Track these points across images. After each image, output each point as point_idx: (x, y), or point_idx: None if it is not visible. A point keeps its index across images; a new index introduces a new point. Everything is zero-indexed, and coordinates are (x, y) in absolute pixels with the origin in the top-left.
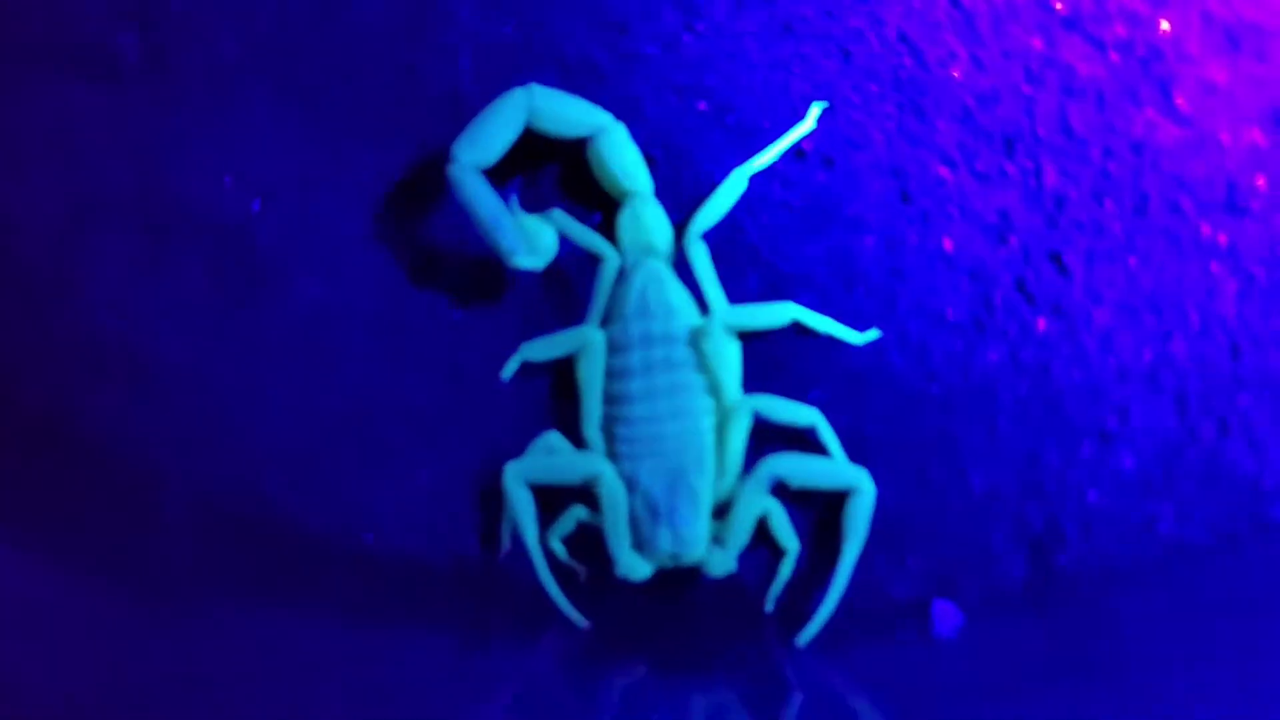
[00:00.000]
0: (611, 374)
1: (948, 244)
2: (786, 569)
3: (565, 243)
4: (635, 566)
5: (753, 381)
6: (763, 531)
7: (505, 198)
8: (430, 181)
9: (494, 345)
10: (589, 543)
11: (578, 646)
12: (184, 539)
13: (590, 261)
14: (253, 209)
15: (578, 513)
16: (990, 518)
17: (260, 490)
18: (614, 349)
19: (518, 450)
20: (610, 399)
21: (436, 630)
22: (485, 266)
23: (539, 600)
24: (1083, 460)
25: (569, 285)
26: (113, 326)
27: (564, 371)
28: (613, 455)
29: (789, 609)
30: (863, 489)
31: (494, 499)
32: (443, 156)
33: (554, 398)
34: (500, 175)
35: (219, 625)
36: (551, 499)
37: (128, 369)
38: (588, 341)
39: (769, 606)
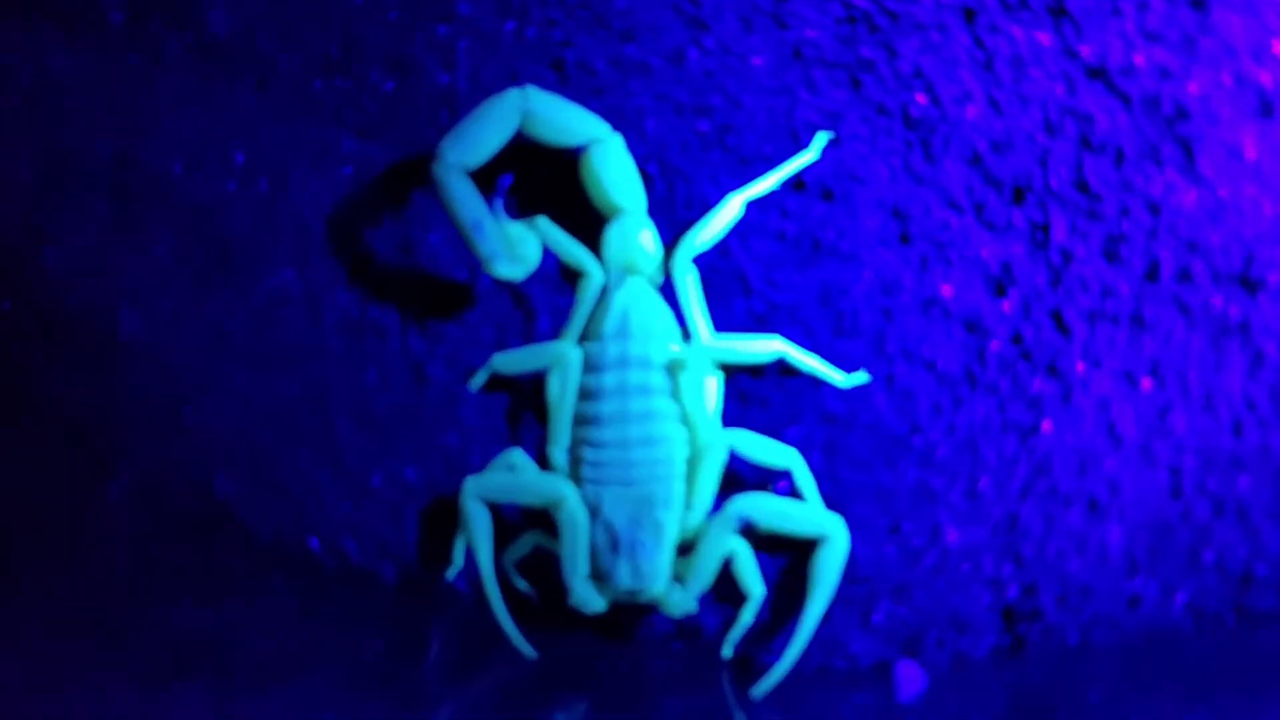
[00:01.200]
0: (584, 394)
1: (945, 290)
2: (748, 615)
3: (548, 256)
4: (590, 599)
5: (729, 414)
6: (726, 574)
7: (490, 202)
8: (413, 179)
9: (462, 354)
10: (542, 569)
11: (519, 676)
12: (124, 527)
13: (571, 276)
14: (228, 190)
15: (535, 537)
16: (964, 580)
17: (207, 484)
18: (589, 368)
19: (478, 465)
20: (580, 420)
21: (374, 646)
22: (462, 272)
23: (485, 624)
24: (1067, 529)
25: (546, 299)
26: (73, 299)
27: (533, 388)
28: (577, 480)
29: (746, 657)
30: (835, 537)
31: (448, 514)
32: (430, 154)
33: (520, 414)
34: (487, 179)
35: (149, 618)
36: (508, 522)
37: (83, 345)
38: (563, 358)
39: (727, 653)
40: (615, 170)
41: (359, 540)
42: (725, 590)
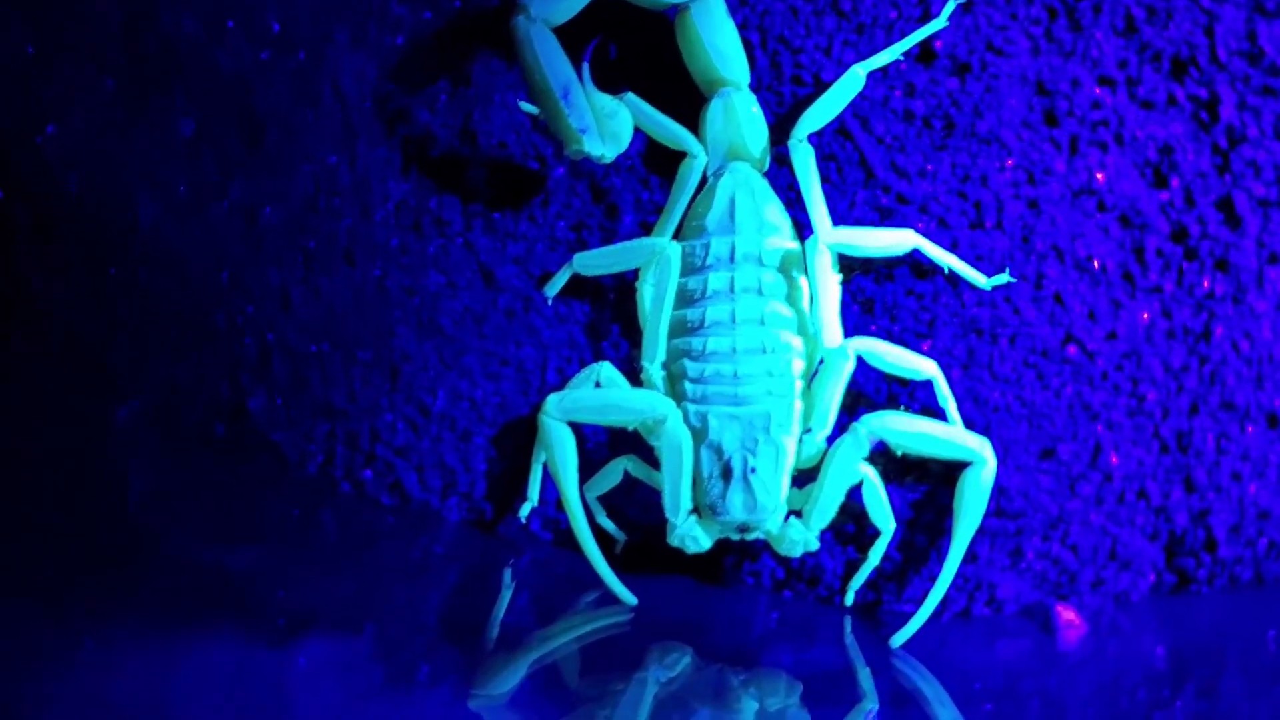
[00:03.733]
0: (683, 298)
1: (1099, 179)
2: (876, 554)
3: (631, 144)
4: (695, 536)
5: (850, 324)
6: (845, 511)
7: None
8: (475, 50)
9: (536, 254)
10: (631, 503)
11: (609, 629)
12: (138, 456)
13: (659, 165)
14: (260, 59)
15: (626, 464)
16: (1127, 509)
17: (238, 403)
18: (689, 268)
19: (556, 385)
20: (679, 329)
21: (433, 594)
22: (532, 160)
23: (564, 569)
24: (1244, 447)
25: (631, 193)
26: (77, 187)
27: (621, 293)
28: (677, 397)
29: (870, 605)
30: (982, 461)
31: (522, 441)
32: (489, 15)
33: (605, 325)
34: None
35: (167, 557)
36: (590, 453)
37: (90, 240)
38: (659, 255)
39: (849, 599)
40: (717, 34)
41: (418, 471)
42: (845, 529)
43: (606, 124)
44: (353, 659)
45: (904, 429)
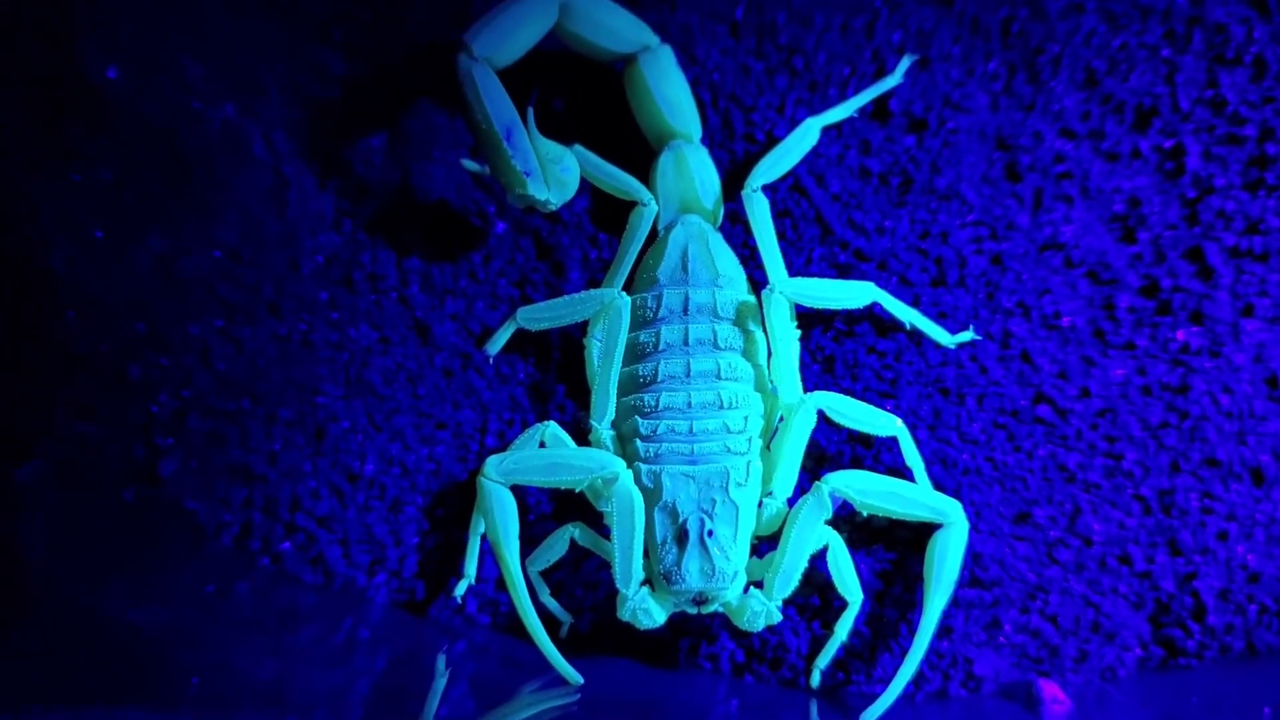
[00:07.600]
0: (635, 353)
1: (1065, 233)
2: (844, 628)
3: (578, 200)
4: (647, 608)
5: (809, 384)
6: (814, 579)
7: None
8: (416, 99)
9: (476, 311)
10: (577, 581)
11: (554, 715)
12: (37, 522)
13: (608, 222)
14: (190, 107)
15: (572, 531)
16: (1109, 575)
17: (150, 464)
18: (640, 321)
19: (496, 449)
20: (630, 385)
21: (360, 682)
22: (478, 213)
23: (506, 654)
24: (1229, 506)
25: (578, 249)
26: None
27: (567, 350)
28: (628, 458)
29: (837, 686)
30: (952, 522)
31: (458, 511)
32: (429, 73)
33: (549, 385)
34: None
35: (61, 625)
36: (532, 523)
37: None
38: (608, 306)
39: (814, 681)
40: (667, 85)
41: (343, 545)
42: (810, 602)
43: (552, 170)
44: None
45: (868, 486)
